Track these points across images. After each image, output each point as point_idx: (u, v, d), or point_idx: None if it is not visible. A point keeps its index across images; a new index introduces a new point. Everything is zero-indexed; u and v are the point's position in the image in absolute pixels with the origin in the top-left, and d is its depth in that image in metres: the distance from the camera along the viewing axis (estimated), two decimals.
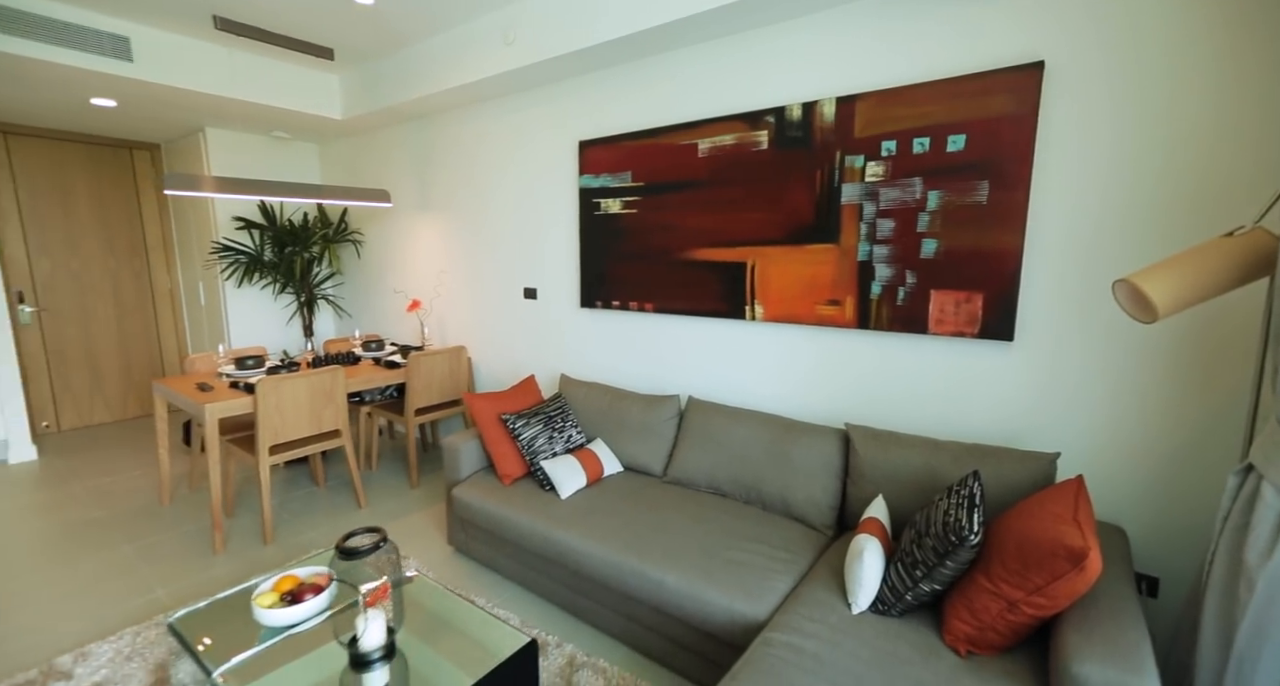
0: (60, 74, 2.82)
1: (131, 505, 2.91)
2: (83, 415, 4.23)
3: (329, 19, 2.76)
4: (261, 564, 2.37)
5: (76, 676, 1.68)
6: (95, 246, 4.24)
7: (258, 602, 1.43)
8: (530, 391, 2.58)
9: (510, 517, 2.04)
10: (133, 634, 1.87)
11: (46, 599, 2.12)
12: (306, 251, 4.07)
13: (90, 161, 4.19)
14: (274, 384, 2.50)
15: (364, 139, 4.04)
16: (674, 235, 2.49)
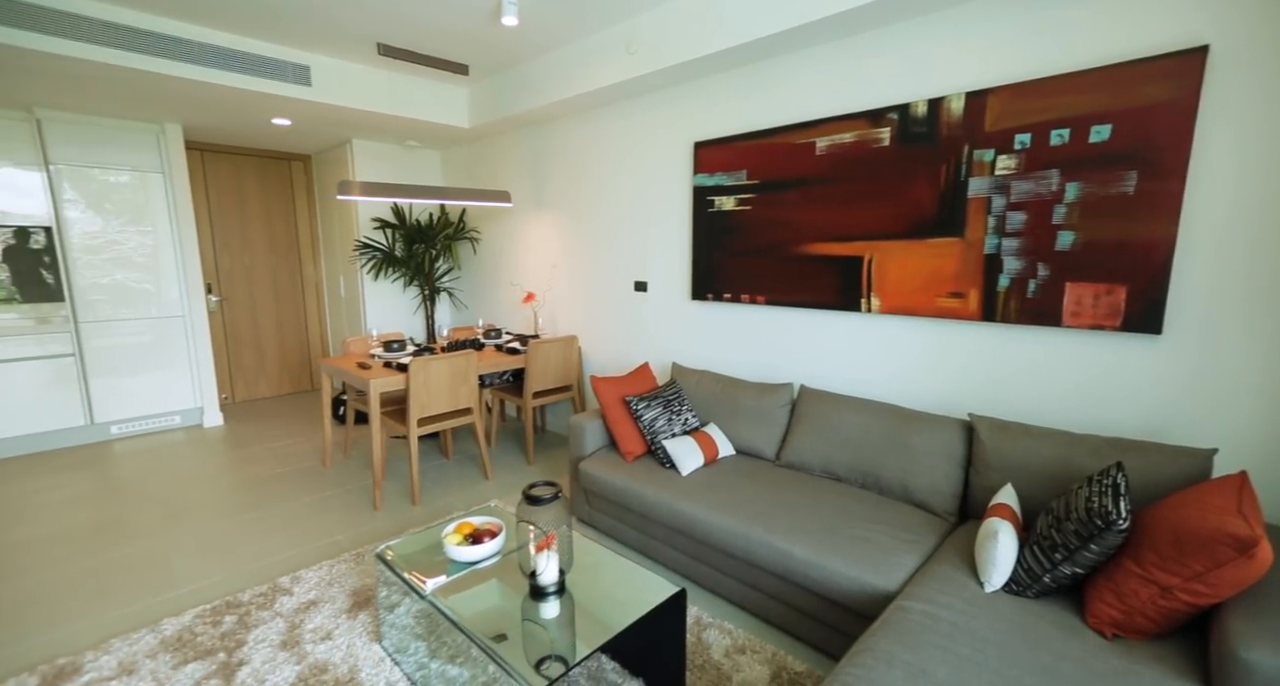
0: (252, 99, 3.33)
1: (301, 466, 3.40)
2: (251, 389, 4.93)
3: (470, 39, 3.07)
4: (412, 520, 2.72)
5: (295, 593, 2.05)
6: (261, 244, 4.93)
7: (448, 541, 1.70)
8: (646, 377, 2.77)
9: (636, 490, 2.24)
10: (329, 566, 2.24)
11: (259, 534, 2.56)
12: (431, 248, 4.52)
13: (260, 172, 4.86)
14: (423, 364, 2.84)
15: (483, 144, 4.41)
16: (788, 230, 2.58)
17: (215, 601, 2.03)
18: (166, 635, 1.84)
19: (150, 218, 3.93)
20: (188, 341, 4.10)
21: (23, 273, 3.82)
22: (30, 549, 2.44)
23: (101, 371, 3.77)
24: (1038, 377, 1.98)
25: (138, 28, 2.73)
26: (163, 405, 4.03)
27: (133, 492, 3.01)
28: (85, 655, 1.75)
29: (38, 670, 1.69)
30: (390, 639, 1.79)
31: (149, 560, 2.35)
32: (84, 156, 3.68)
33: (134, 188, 3.85)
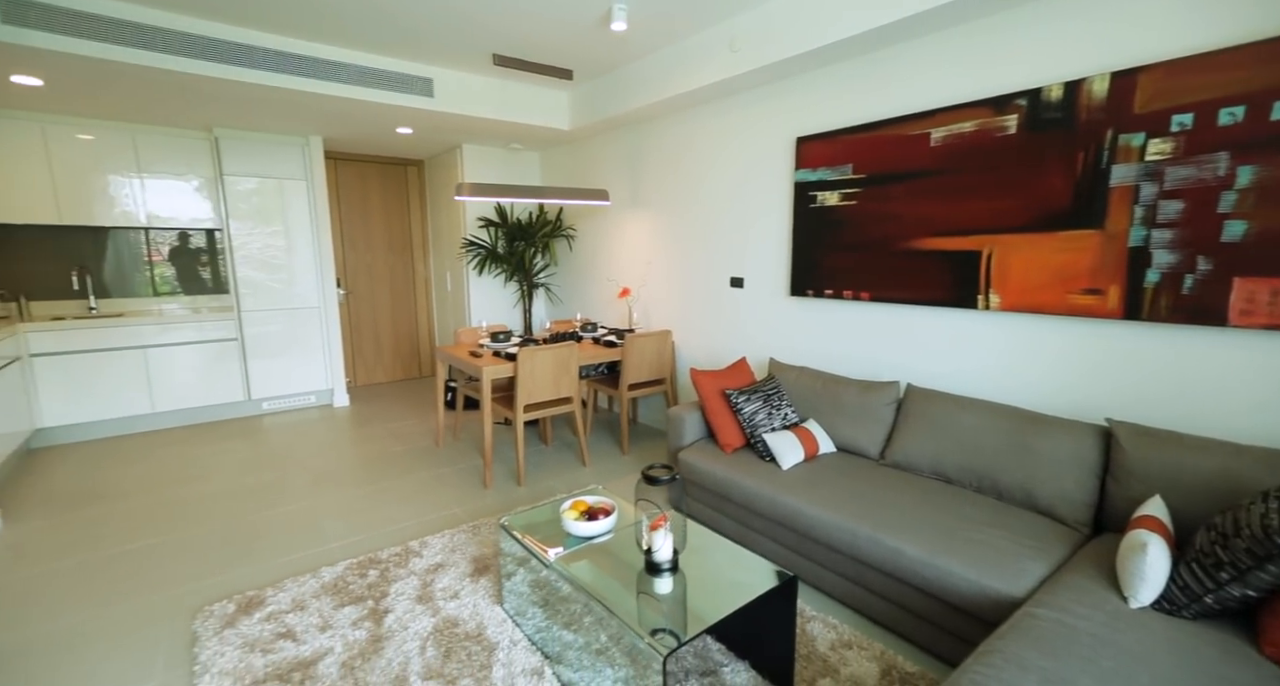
0: (382, 111, 3.68)
1: (417, 445, 3.73)
2: (370, 375, 5.45)
3: (575, 46, 3.22)
4: (518, 499, 2.91)
5: (424, 555, 2.28)
6: (380, 243, 5.42)
7: (565, 516, 1.83)
8: (744, 372, 2.79)
9: (736, 481, 2.27)
10: (450, 534, 2.46)
11: (387, 502, 2.86)
12: (531, 246, 4.77)
13: (381, 176, 5.35)
14: (530, 354, 3.03)
15: (580, 145, 4.59)
16: (896, 225, 2.51)
17: (360, 557, 2.29)
18: (325, 581, 2.11)
19: (295, 220, 4.44)
20: (322, 330, 4.60)
21: (184, 269, 4.48)
22: (214, 501, 2.87)
23: (257, 354, 4.33)
24: (1190, 381, 1.81)
25: (300, 54, 3.11)
26: (302, 385, 4.55)
27: (283, 460, 3.45)
28: (266, 591, 2.05)
29: (234, 598, 2.00)
30: (510, 603, 1.95)
31: (303, 518, 2.69)
32: (247, 167, 4.22)
33: (282, 194, 4.37)
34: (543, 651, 1.77)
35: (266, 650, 1.76)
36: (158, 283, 4.37)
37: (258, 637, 1.81)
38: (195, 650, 1.77)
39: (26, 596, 2.09)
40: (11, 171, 3.65)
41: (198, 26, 2.83)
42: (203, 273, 4.53)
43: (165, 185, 4.13)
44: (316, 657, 1.73)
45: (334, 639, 1.81)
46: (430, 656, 1.74)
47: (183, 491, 3.00)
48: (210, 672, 1.66)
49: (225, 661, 1.71)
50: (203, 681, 1.63)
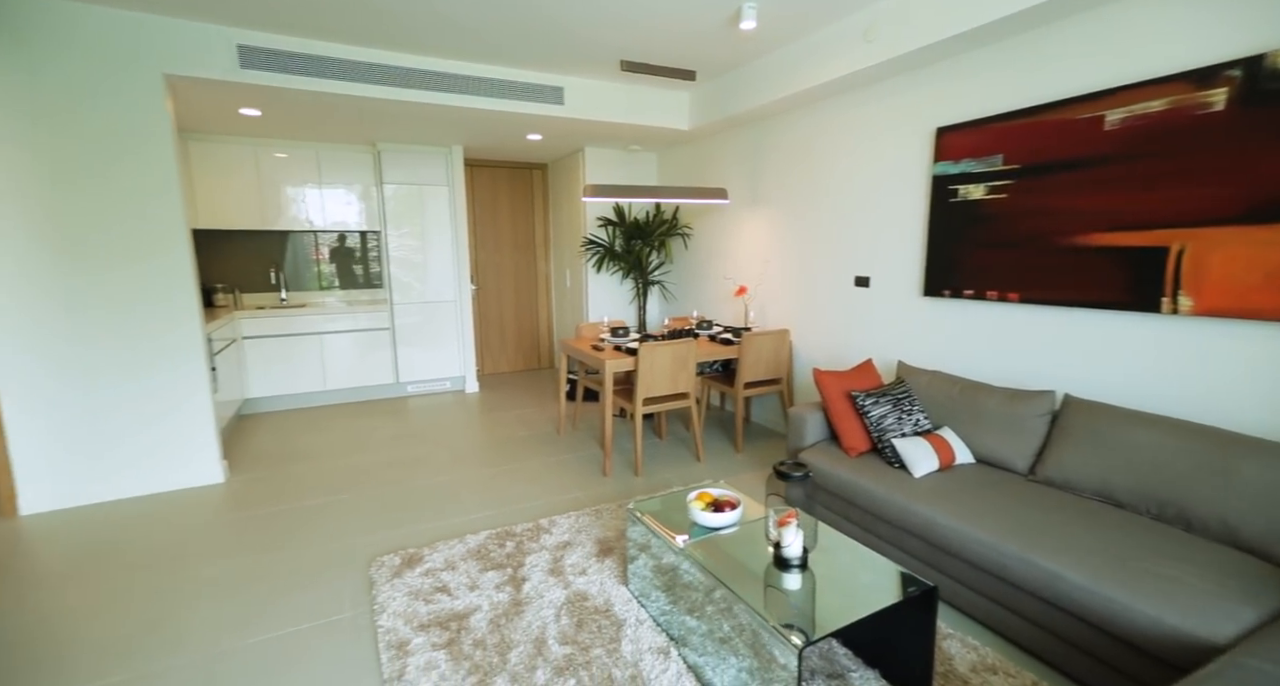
0: (517, 120, 3.97)
1: (539, 431, 4.00)
2: (495, 364, 5.92)
3: (698, 47, 3.26)
4: (635, 488, 3.03)
5: (553, 533, 2.46)
6: (507, 243, 5.85)
7: (692, 505, 1.89)
8: (870, 374, 2.69)
9: (863, 486, 2.20)
10: (575, 516, 2.63)
11: (516, 481, 3.11)
12: (648, 244, 4.90)
13: (510, 180, 5.77)
14: (650, 349, 3.13)
15: (699, 145, 4.63)
16: (1057, 219, 2.28)
17: (497, 529, 2.52)
18: (470, 547, 2.35)
19: (437, 222, 4.93)
20: (457, 322, 5.07)
21: (345, 267, 5.14)
22: (376, 469, 3.30)
23: (405, 342, 4.88)
24: None
25: (450, 73, 3.46)
26: (440, 372, 5.05)
27: (427, 437, 3.86)
28: (423, 550, 2.33)
29: (399, 553, 2.31)
30: (635, 584, 2.05)
31: (448, 489, 3.01)
32: (400, 176, 4.76)
33: (429, 198, 4.88)
34: (668, 633, 1.84)
35: (428, 600, 2.00)
36: (323, 278, 5.08)
37: (420, 589, 2.07)
38: (373, 593, 2.06)
39: (244, 533, 2.55)
40: (231, 186, 4.42)
41: (372, 56, 3.24)
42: (358, 269, 5.18)
43: (336, 194, 4.78)
44: (468, 612, 1.94)
45: (481, 598, 2.02)
46: (564, 624, 1.88)
47: (351, 459, 3.47)
48: (386, 612, 1.93)
49: (396, 605, 1.97)
50: (381, 619, 1.90)
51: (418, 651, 1.75)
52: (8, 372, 2.70)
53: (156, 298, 2.93)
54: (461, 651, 1.75)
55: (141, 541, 2.50)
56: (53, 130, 2.66)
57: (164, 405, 3.01)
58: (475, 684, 1.62)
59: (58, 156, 2.68)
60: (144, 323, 2.92)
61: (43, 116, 2.63)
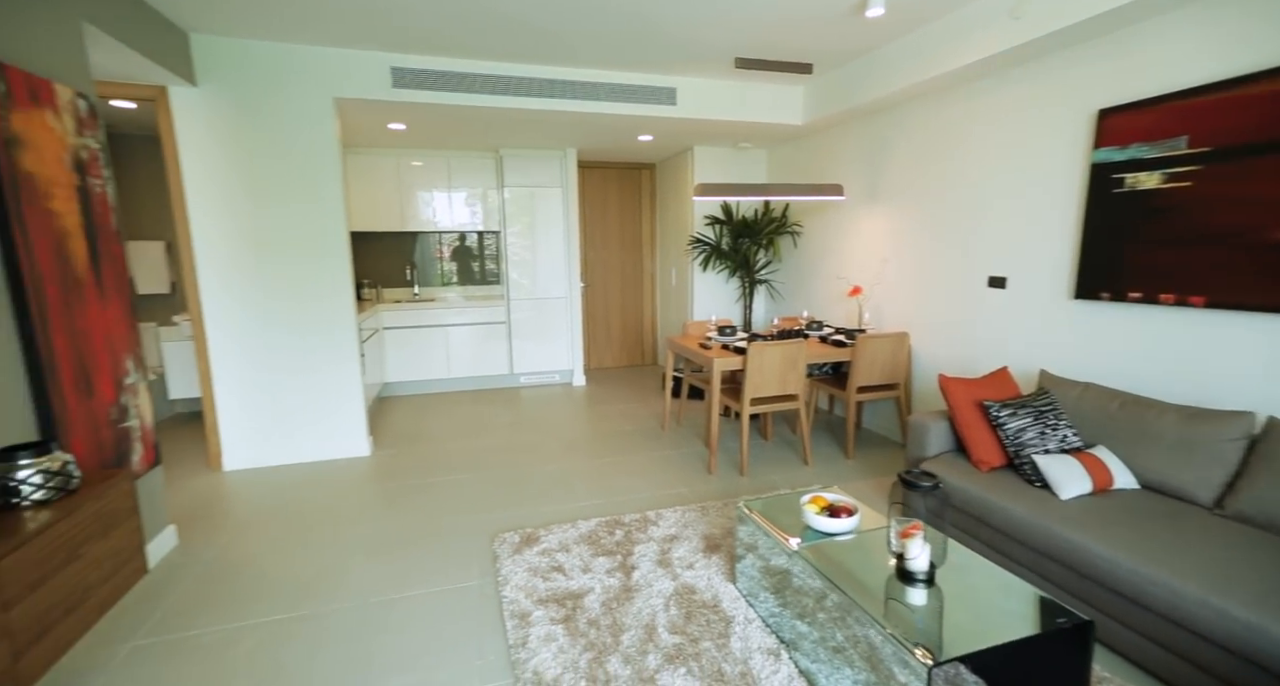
0: (629, 122, 4.07)
1: (643, 426, 4.09)
2: (600, 359, 6.13)
3: (816, 38, 3.15)
4: (740, 488, 3.01)
5: (660, 525, 2.52)
6: (614, 242, 6.03)
7: (807, 508, 1.85)
8: (1005, 383, 2.46)
9: (998, 504, 2.03)
10: (681, 510, 2.67)
11: (622, 473, 3.22)
12: (756, 243, 4.82)
13: (619, 181, 5.94)
14: (760, 349, 3.09)
15: (811, 140, 4.48)
16: (1262, 210, 1.94)
17: (606, 517, 2.63)
18: (582, 532, 2.48)
19: (551, 221, 5.20)
20: (567, 318, 5.32)
21: (462, 264, 5.56)
22: (495, 452, 3.57)
23: (519, 335, 5.21)
24: None
25: (567, 80, 3.63)
26: (550, 364, 5.33)
27: (539, 426, 4.10)
28: (539, 531, 2.49)
29: (518, 532, 2.49)
30: (743, 583, 2.05)
31: (559, 476, 3.18)
32: (519, 180, 5.08)
33: (544, 200, 5.16)
34: (778, 635, 1.82)
35: (545, 577, 2.14)
36: (445, 275, 5.55)
37: (538, 566, 2.22)
38: (496, 566, 2.24)
39: (388, 501, 2.88)
40: (376, 193, 4.97)
41: (501, 68, 3.49)
42: (478, 267, 5.59)
43: (460, 197, 5.21)
44: (582, 592, 2.05)
45: (594, 581, 2.12)
46: (673, 614, 1.93)
47: (473, 442, 3.78)
48: (510, 584, 2.09)
49: (518, 579, 2.13)
50: (505, 590, 2.06)
51: (538, 623, 1.88)
52: (220, 355, 3.25)
53: (323, 291, 3.38)
54: (577, 628, 1.86)
55: (309, 500, 2.90)
56: (251, 151, 3.15)
57: (325, 385, 3.46)
58: (591, 660, 1.71)
59: (254, 172, 3.17)
60: (313, 313, 3.38)
61: (244, 140, 3.14)
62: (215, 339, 3.24)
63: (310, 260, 3.33)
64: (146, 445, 2.37)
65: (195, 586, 2.15)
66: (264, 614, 1.99)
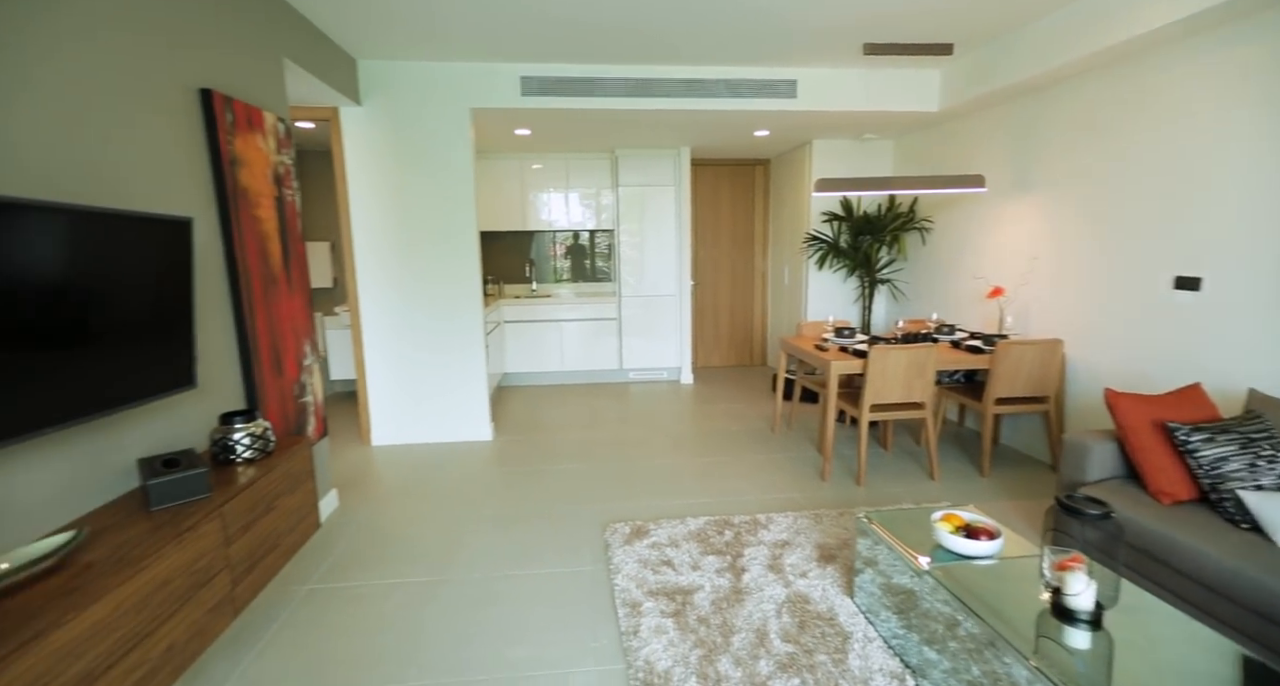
0: (745, 118, 3.99)
1: (753, 428, 4.01)
2: (707, 358, 6.11)
3: (958, 14, 2.86)
4: (856, 498, 2.84)
5: (771, 529, 2.46)
6: (725, 240, 5.96)
7: (939, 526, 1.71)
8: (1197, 402, 2.09)
9: (1189, 545, 1.73)
10: (793, 516, 2.59)
11: (729, 474, 3.18)
12: (878, 240, 4.53)
13: (731, 178, 5.87)
14: (883, 352, 2.90)
15: (946, 128, 4.10)
16: None
17: (715, 517, 2.62)
18: (691, 529, 2.49)
19: (663, 220, 5.26)
20: (676, 316, 5.36)
21: (576, 262, 5.77)
22: (605, 444, 3.70)
23: (629, 332, 5.33)
24: None
25: (685, 78, 3.64)
26: (658, 361, 5.41)
27: (647, 421, 4.18)
28: (649, 524, 2.54)
29: (629, 523, 2.56)
30: (862, 599, 1.94)
31: (668, 472, 3.22)
32: (633, 179, 5.19)
33: (657, 198, 5.23)
34: (902, 658, 1.70)
35: (655, 570, 2.18)
36: (559, 272, 5.81)
37: (647, 559, 2.26)
38: (608, 555, 2.32)
39: (507, 485, 3.09)
40: (499, 195, 5.34)
41: (619, 71, 3.58)
42: (590, 264, 5.80)
43: (576, 197, 5.43)
44: (692, 589, 2.06)
45: (703, 578, 2.12)
46: (785, 622, 1.87)
47: (585, 433, 3.94)
48: (621, 573, 2.16)
49: (629, 568, 2.19)
50: (617, 579, 2.13)
51: (648, 614, 1.92)
52: (370, 342, 3.69)
53: (455, 287, 3.70)
54: (687, 623, 1.87)
55: (441, 476, 3.20)
56: (399, 159, 3.53)
57: (455, 373, 3.79)
58: (701, 657, 1.72)
59: (401, 178, 3.55)
60: (446, 306, 3.71)
61: (394, 150, 3.51)
62: (368, 327, 3.68)
63: (445, 258, 3.65)
64: (318, 418, 2.75)
65: (353, 544, 2.46)
66: (407, 575, 2.23)
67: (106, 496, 1.65)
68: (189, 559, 1.56)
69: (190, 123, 1.96)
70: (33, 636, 1.15)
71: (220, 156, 2.05)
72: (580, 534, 2.53)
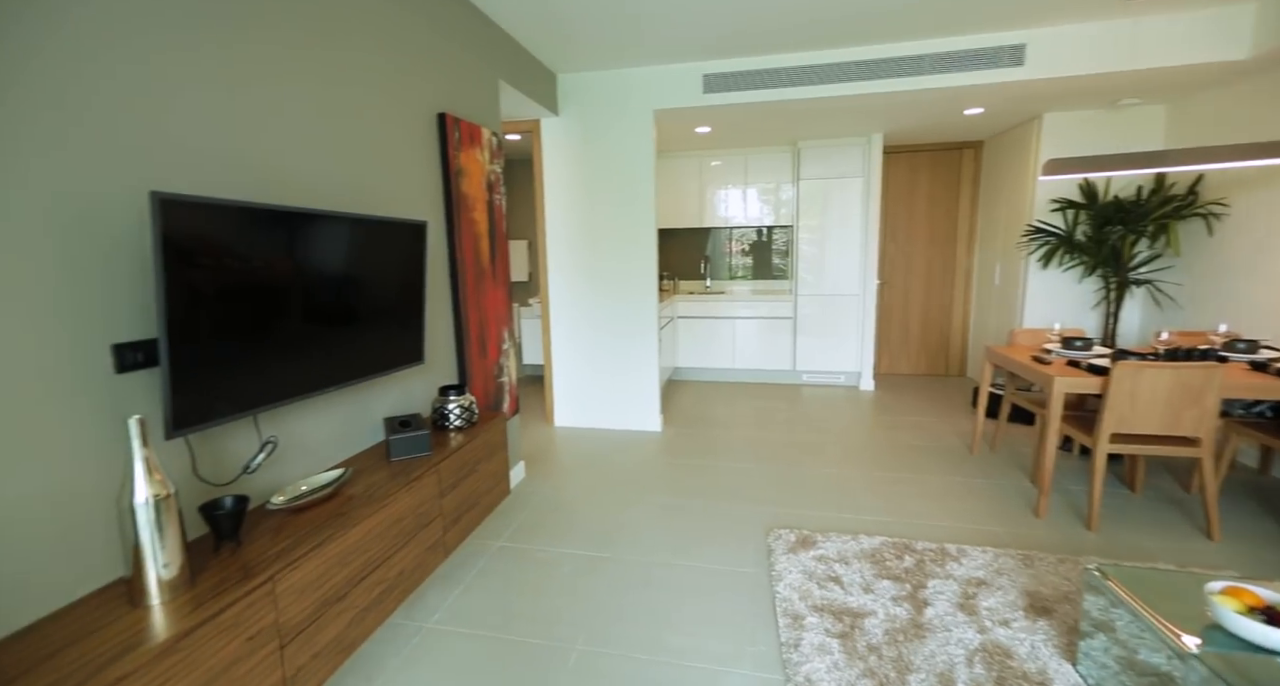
0: (954, 95, 3.48)
1: (944, 445, 3.53)
2: (892, 365, 5.55)
3: None
4: (1085, 546, 2.32)
5: (963, 564, 2.14)
6: (920, 234, 5.33)
7: (1218, 601, 1.30)
8: None
9: None
10: (993, 553, 2.21)
11: (912, 494, 2.84)
12: (1133, 231, 3.63)
13: (931, 165, 5.21)
14: (1133, 370, 2.32)
15: (1254, 83, 3.10)
16: None
17: (893, 538, 2.36)
18: (864, 547, 2.28)
19: (847, 215, 4.89)
20: (858, 317, 4.95)
21: (750, 259, 5.60)
22: (771, 446, 3.58)
23: (804, 332, 5.08)
24: None
25: (878, 58, 3.31)
26: (835, 365, 5.06)
27: (820, 427, 3.93)
28: (816, 535, 2.39)
29: (794, 531, 2.44)
30: (1088, 668, 1.57)
31: (839, 482, 2.99)
32: (816, 171, 4.91)
33: (841, 191, 4.87)
34: None
35: (821, 585, 2.04)
36: (734, 269, 5.73)
37: (813, 571, 2.12)
38: (770, 560, 2.23)
39: (673, 476, 3.16)
40: (678, 193, 5.47)
41: (803, 58, 3.39)
42: (765, 261, 5.62)
43: (753, 193, 5.31)
44: (862, 612, 1.88)
45: (876, 603, 1.92)
46: (979, 673, 1.60)
47: (752, 433, 3.85)
48: (783, 581, 2.06)
49: (792, 577, 2.08)
50: (779, 587, 2.04)
51: (812, 629, 1.80)
52: (557, 331, 4.07)
53: (632, 282, 3.88)
54: (855, 649, 1.71)
55: (613, 460, 3.40)
56: (587, 162, 3.81)
57: (629, 364, 3.99)
58: None
59: (588, 180, 3.83)
60: (623, 300, 3.92)
61: (583, 154, 3.80)
62: (555, 318, 4.05)
63: (625, 255, 3.85)
64: (512, 397, 3.11)
65: (535, 512, 2.74)
66: (578, 547, 2.41)
67: (361, 446, 2.07)
68: (414, 503, 1.88)
69: (428, 141, 2.35)
70: (319, 543, 1.49)
71: (448, 168, 2.43)
72: (742, 534, 2.47)
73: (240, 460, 1.58)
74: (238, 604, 1.25)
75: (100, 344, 1.24)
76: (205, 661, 1.18)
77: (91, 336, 1.23)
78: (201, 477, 1.48)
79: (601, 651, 1.78)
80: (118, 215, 1.26)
